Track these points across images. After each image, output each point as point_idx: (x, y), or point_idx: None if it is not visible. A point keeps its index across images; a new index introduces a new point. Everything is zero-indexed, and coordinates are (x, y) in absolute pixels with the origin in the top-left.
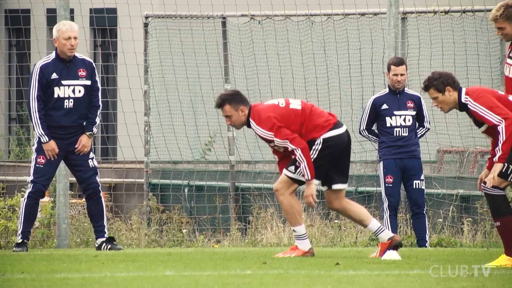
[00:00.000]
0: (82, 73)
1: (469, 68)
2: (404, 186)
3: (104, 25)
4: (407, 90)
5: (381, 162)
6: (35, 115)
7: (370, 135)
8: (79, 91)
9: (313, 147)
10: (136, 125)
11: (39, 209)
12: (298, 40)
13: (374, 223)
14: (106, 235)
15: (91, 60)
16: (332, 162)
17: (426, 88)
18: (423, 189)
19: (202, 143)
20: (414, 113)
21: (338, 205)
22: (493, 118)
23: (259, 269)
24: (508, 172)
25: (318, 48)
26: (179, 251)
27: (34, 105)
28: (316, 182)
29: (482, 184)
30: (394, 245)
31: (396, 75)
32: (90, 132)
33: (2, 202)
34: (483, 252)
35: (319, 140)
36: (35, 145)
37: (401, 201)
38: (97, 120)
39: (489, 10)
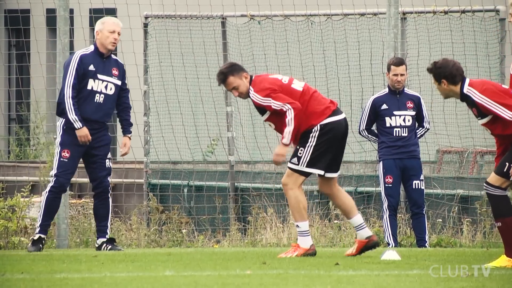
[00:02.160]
0: (115, 72)
1: (468, 68)
2: (403, 186)
3: None
4: (406, 90)
5: (381, 162)
6: (69, 101)
7: (369, 135)
8: (111, 89)
9: (311, 134)
10: (135, 125)
11: (37, 210)
12: (297, 41)
13: (357, 218)
14: (107, 236)
15: (123, 63)
16: (333, 149)
17: (429, 71)
18: (423, 189)
19: (202, 143)
20: (413, 113)
21: (328, 190)
22: (505, 113)
23: (259, 269)
24: (510, 172)
25: (317, 49)
26: (178, 251)
27: (68, 92)
28: (320, 172)
29: (484, 184)
30: (371, 245)
31: (396, 75)
32: (131, 134)
33: (2, 202)
34: (483, 252)
35: (317, 127)
36: (59, 139)
37: (401, 201)
38: (132, 122)
39: (488, 11)
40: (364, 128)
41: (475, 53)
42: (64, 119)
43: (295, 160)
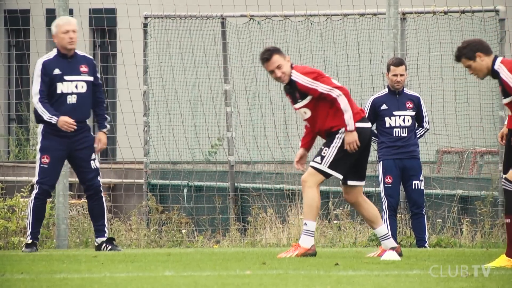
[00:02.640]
0: (84, 69)
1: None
2: (403, 186)
3: (103, 26)
4: (406, 90)
5: (381, 163)
6: (39, 105)
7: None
8: (82, 87)
9: (337, 135)
10: (135, 125)
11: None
12: (297, 41)
13: (382, 228)
14: (106, 235)
15: (92, 57)
16: (356, 156)
17: (458, 58)
18: (423, 189)
19: (201, 144)
20: (413, 113)
21: (353, 199)
22: None
23: (259, 269)
24: None
25: (316, 49)
26: (178, 251)
27: (36, 98)
28: (339, 176)
29: (503, 180)
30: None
31: (395, 75)
32: (106, 129)
33: (2, 202)
34: (483, 252)
35: (344, 129)
36: (39, 145)
37: (401, 202)
38: (107, 115)
39: (488, 11)
40: None
41: None
42: (43, 125)
43: (318, 159)
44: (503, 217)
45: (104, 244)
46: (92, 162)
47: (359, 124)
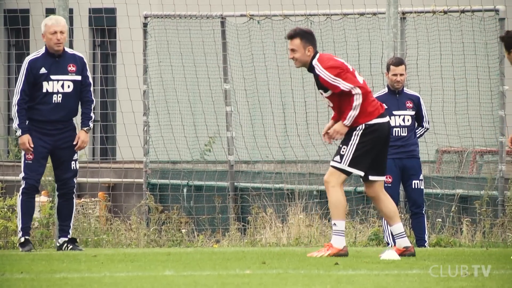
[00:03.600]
0: (71, 68)
1: (467, 68)
2: (403, 186)
3: (103, 25)
4: (406, 90)
5: None
6: (14, 109)
7: None
8: (68, 86)
9: (355, 132)
10: (134, 125)
11: (38, 209)
12: None
13: (398, 226)
14: (69, 236)
15: (82, 56)
16: (375, 151)
17: (501, 39)
18: (422, 189)
19: (201, 143)
20: (413, 113)
21: (373, 194)
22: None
23: (259, 269)
24: None
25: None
26: (178, 251)
27: (16, 98)
28: (360, 173)
29: None
30: (407, 255)
31: (395, 75)
32: (88, 128)
33: (2, 202)
34: (482, 252)
35: (362, 126)
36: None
37: (400, 201)
38: (92, 115)
39: (488, 10)
40: None
41: (474, 53)
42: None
43: (337, 158)
44: (502, 217)
45: (66, 244)
46: (72, 162)
47: (377, 120)
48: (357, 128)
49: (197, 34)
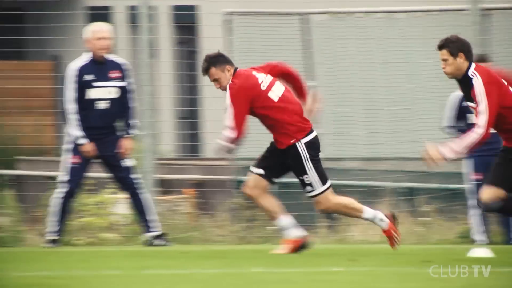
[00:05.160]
0: (114, 74)
1: None
2: None
3: (184, 22)
4: None
5: (469, 159)
6: (73, 117)
7: (455, 132)
8: (110, 93)
9: (301, 157)
10: (220, 122)
11: (126, 206)
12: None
13: (285, 220)
14: (155, 230)
15: (125, 61)
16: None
17: (440, 48)
18: None
19: None
20: None
21: (258, 192)
22: (480, 115)
23: (348, 266)
24: None
25: (397, 45)
26: (266, 248)
27: (70, 106)
28: (328, 183)
29: None
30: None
31: None
32: (130, 135)
33: (90, 198)
34: None
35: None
36: (70, 145)
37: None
38: (134, 121)
39: None
40: (449, 125)
41: None
42: None
43: (309, 188)
44: None
45: (153, 239)
46: (122, 161)
47: (312, 135)
48: (299, 151)
49: (278, 31)
